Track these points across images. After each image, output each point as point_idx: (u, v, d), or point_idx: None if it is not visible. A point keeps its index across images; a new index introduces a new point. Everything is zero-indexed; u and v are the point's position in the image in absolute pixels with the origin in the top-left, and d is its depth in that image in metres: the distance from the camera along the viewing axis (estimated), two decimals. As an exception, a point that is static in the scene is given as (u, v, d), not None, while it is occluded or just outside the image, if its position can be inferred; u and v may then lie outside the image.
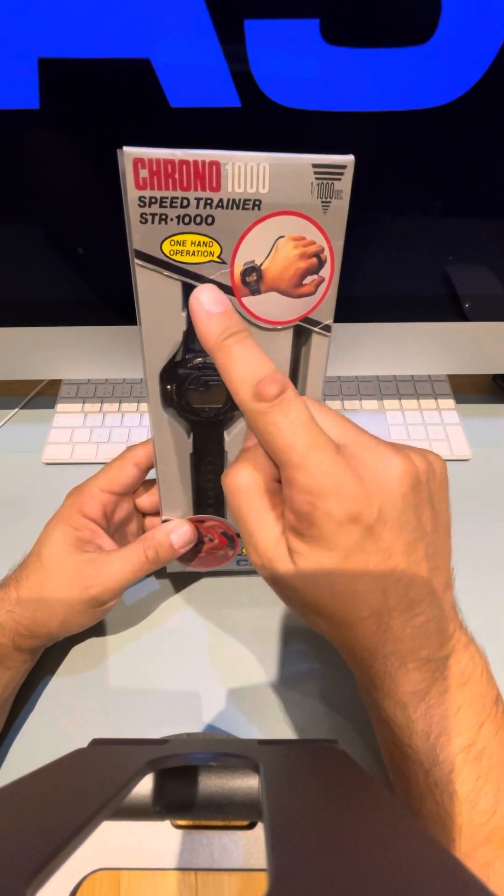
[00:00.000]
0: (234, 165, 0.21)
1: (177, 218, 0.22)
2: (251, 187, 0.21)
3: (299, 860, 0.12)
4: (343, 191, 0.23)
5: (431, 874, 0.12)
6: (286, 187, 0.22)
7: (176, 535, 0.32)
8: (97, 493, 0.33)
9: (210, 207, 0.22)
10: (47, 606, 0.31)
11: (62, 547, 0.31)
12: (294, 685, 0.35)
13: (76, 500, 0.33)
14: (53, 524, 0.33)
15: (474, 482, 0.47)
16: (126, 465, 0.33)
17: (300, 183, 0.22)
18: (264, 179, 0.21)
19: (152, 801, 0.24)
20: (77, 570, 0.31)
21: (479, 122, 0.31)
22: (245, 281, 0.24)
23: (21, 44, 0.28)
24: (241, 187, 0.21)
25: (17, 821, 0.15)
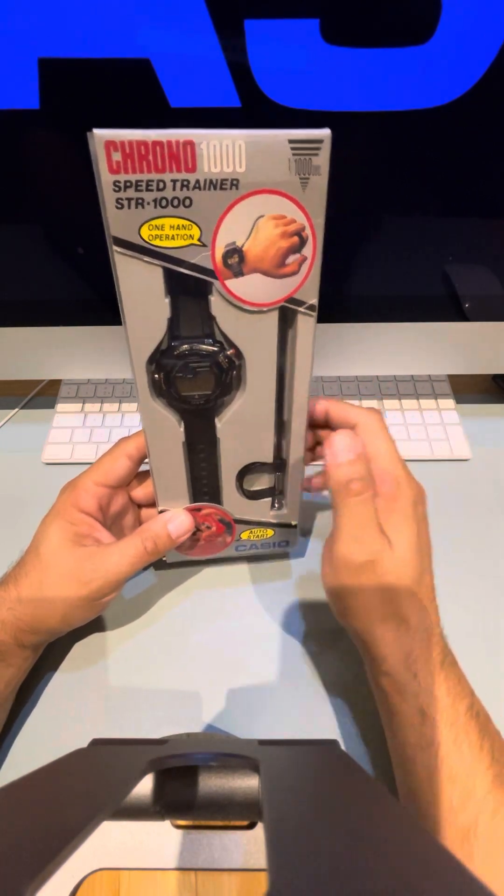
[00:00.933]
0: (209, 144, 0.20)
1: (154, 201, 0.21)
2: (228, 166, 0.21)
3: (299, 860, 0.12)
4: (321, 166, 0.22)
5: (432, 874, 0.12)
6: (263, 165, 0.21)
7: (173, 525, 0.32)
8: (91, 486, 0.32)
9: (187, 189, 0.21)
10: (48, 603, 0.31)
11: (60, 543, 0.31)
12: (294, 685, 0.35)
13: (70, 495, 0.33)
14: (49, 520, 0.33)
15: (474, 482, 0.47)
16: (118, 457, 0.33)
17: (277, 160, 0.21)
18: (241, 158, 0.21)
19: (152, 801, 0.24)
20: (76, 565, 0.31)
21: (479, 122, 0.31)
22: (227, 263, 0.23)
23: (21, 44, 0.28)
24: (217, 167, 0.21)
25: (17, 821, 0.15)
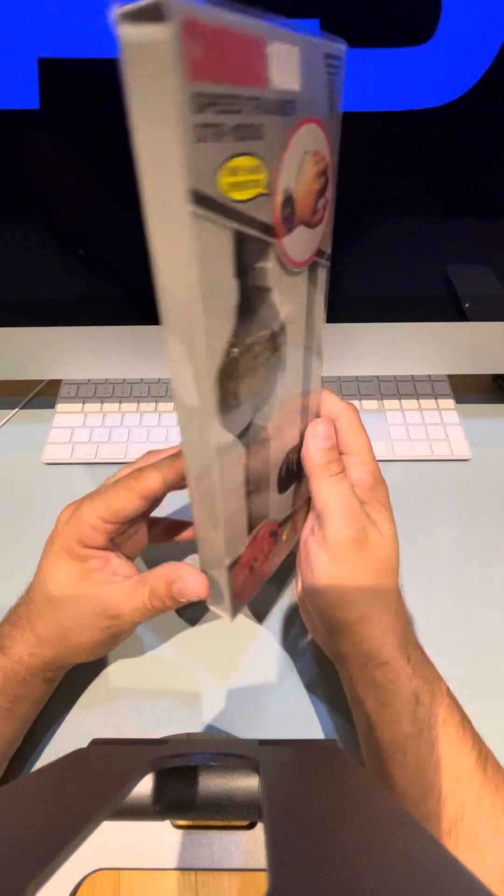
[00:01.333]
0: (275, 48, 0.15)
1: (233, 131, 0.15)
2: (289, 82, 0.16)
3: (299, 860, 0.12)
4: (340, 91, 0.18)
5: (432, 874, 0.12)
6: (310, 84, 0.17)
7: (177, 587, 0.27)
8: (98, 523, 0.29)
9: (259, 112, 0.16)
10: (70, 645, 0.30)
11: (73, 586, 0.29)
12: (294, 685, 0.35)
13: (75, 530, 0.29)
14: (55, 559, 0.29)
15: (474, 482, 0.47)
16: (131, 497, 0.28)
17: (320, 77, 0.17)
18: (296, 71, 0.16)
19: (152, 801, 0.24)
20: (99, 607, 0.29)
21: (479, 122, 0.31)
22: (283, 216, 0.18)
23: (21, 44, 0.28)
24: (281, 81, 0.16)
25: (17, 821, 0.15)
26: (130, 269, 0.40)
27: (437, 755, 0.25)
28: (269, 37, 0.15)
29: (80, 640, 0.29)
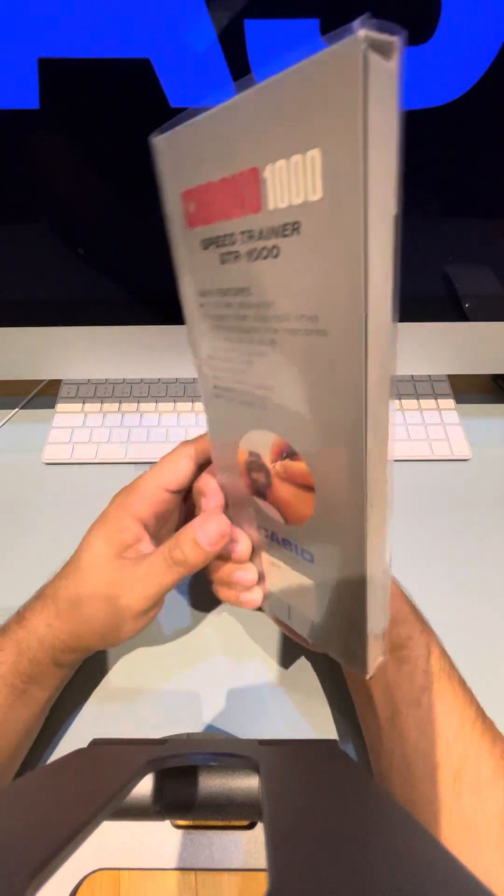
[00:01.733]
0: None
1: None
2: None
3: (299, 860, 0.12)
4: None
5: (432, 874, 0.12)
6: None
7: (203, 534, 0.26)
8: (152, 490, 0.29)
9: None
10: (84, 620, 0.29)
11: (102, 552, 0.29)
12: (294, 685, 0.35)
13: (126, 499, 0.30)
14: (97, 527, 0.30)
15: (474, 482, 0.47)
16: (188, 460, 0.30)
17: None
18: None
19: (152, 801, 0.24)
20: (110, 578, 0.28)
21: (479, 122, 0.31)
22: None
23: (21, 44, 0.28)
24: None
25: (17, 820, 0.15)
26: (130, 269, 0.40)
27: (444, 704, 0.27)
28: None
29: (91, 614, 0.28)
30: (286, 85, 0.15)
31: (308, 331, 0.18)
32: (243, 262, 0.19)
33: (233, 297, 0.20)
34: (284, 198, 0.16)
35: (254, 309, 0.20)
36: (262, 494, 0.25)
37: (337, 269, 0.17)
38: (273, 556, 0.27)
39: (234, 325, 0.21)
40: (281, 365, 0.20)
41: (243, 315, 0.20)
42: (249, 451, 0.24)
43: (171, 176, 0.20)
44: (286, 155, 0.16)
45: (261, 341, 0.20)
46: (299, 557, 0.25)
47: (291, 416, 0.21)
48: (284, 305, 0.19)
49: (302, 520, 0.24)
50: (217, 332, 0.22)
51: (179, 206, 0.20)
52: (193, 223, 0.20)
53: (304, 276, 0.17)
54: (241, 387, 0.23)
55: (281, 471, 0.23)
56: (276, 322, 0.19)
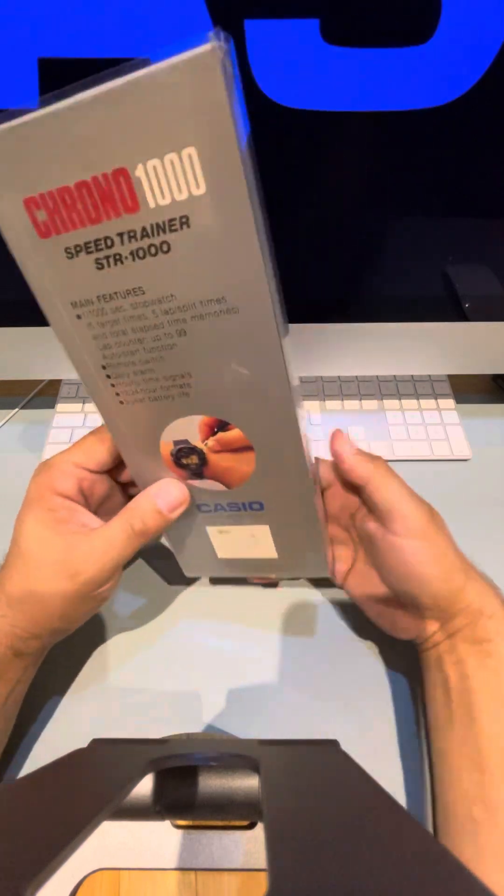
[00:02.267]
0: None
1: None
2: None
3: (299, 860, 0.12)
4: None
5: (431, 875, 0.12)
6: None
7: (162, 499, 0.27)
8: (70, 468, 0.29)
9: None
10: (41, 604, 0.28)
11: (40, 534, 0.28)
12: (294, 685, 0.35)
13: (46, 477, 0.29)
14: (25, 510, 0.29)
15: (474, 482, 0.47)
16: (102, 441, 0.30)
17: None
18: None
19: (152, 801, 0.24)
20: (61, 556, 0.27)
21: (479, 122, 0.31)
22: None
23: (21, 44, 0.28)
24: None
25: (17, 820, 0.15)
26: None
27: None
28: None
29: (48, 595, 0.28)
30: (147, 87, 0.15)
31: (218, 312, 0.20)
32: (128, 263, 0.19)
33: (121, 299, 0.20)
34: (166, 195, 0.17)
35: (152, 306, 0.20)
36: (199, 475, 0.27)
37: (234, 251, 0.18)
38: (220, 526, 0.30)
39: (133, 327, 0.21)
40: (195, 350, 0.21)
41: (140, 315, 0.20)
42: (174, 440, 0.25)
43: (3, 183, 0.18)
44: (159, 154, 0.16)
45: (168, 335, 0.21)
46: (248, 511, 0.29)
47: (217, 392, 0.23)
48: (186, 295, 0.20)
49: (245, 478, 0.27)
50: (108, 340, 0.22)
51: (23, 216, 0.18)
52: (47, 233, 0.19)
53: (202, 264, 0.18)
54: (152, 384, 0.23)
55: (214, 445, 0.25)
56: (180, 313, 0.20)
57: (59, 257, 0.19)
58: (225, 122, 0.16)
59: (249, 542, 0.31)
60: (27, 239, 0.19)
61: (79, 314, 0.21)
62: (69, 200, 0.18)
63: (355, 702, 0.35)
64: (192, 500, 0.29)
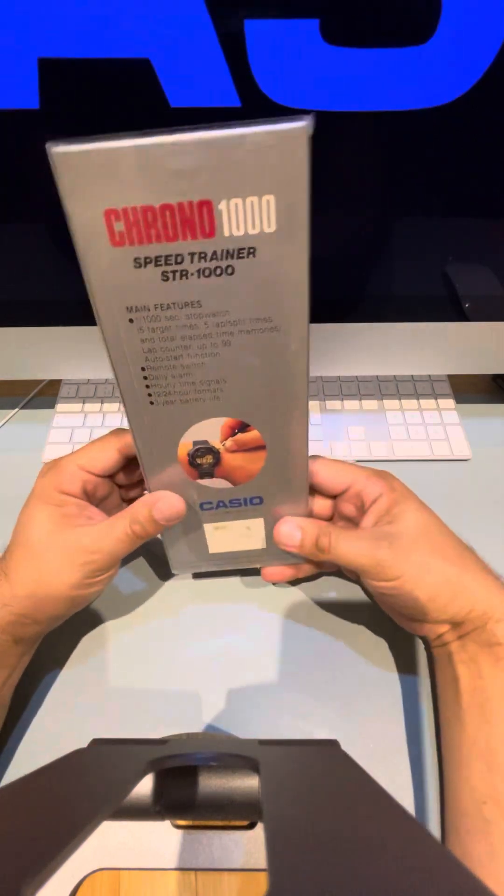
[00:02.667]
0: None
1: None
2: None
3: (299, 860, 0.12)
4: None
5: (432, 875, 0.12)
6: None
7: (158, 510, 0.29)
8: (76, 470, 0.31)
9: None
10: (49, 592, 0.30)
11: (47, 526, 0.30)
12: (294, 685, 0.35)
13: (54, 477, 0.31)
14: (32, 505, 0.31)
15: (474, 482, 0.47)
16: (108, 448, 0.31)
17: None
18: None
19: (152, 801, 0.24)
20: (70, 547, 0.30)
21: (479, 122, 0.31)
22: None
23: (21, 44, 0.28)
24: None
25: (17, 821, 0.15)
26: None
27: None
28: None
29: (56, 582, 0.29)
30: (247, 142, 0.18)
31: (262, 329, 0.23)
32: (193, 279, 0.21)
33: (178, 310, 0.22)
34: (241, 228, 0.20)
35: (205, 318, 0.23)
36: (209, 474, 0.29)
37: (288, 282, 0.22)
38: (218, 522, 0.32)
39: (183, 335, 0.23)
40: (235, 359, 0.24)
41: (193, 325, 0.23)
42: (194, 441, 0.28)
43: (86, 193, 0.19)
44: (242, 195, 0.19)
45: (213, 344, 0.24)
46: (247, 506, 0.31)
47: (246, 396, 0.26)
48: (238, 312, 0.23)
49: (251, 475, 0.30)
50: (155, 344, 0.23)
51: (100, 224, 0.20)
52: (120, 242, 0.20)
53: (259, 288, 0.22)
54: (188, 388, 0.25)
55: (232, 445, 0.28)
56: (230, 326, 0.23)
57: (126, 265, 0.21)
58: (302, 182, 0.19)
59: (243, 535, 0.33)
60: (98, 244, 0.21)
61: (132, 318, 0.23)
62: (150, 218, 0.20)
63: (355, 702, 0.35)
64: (195, 499, 0.31)
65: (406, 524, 0.30)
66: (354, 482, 0.32)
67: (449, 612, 0.29)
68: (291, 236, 0.21)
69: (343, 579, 0.40)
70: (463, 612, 0.29)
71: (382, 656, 0.37)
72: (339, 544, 0.30)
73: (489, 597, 0.29)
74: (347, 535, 0.30)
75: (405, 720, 0.34)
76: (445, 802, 0.29)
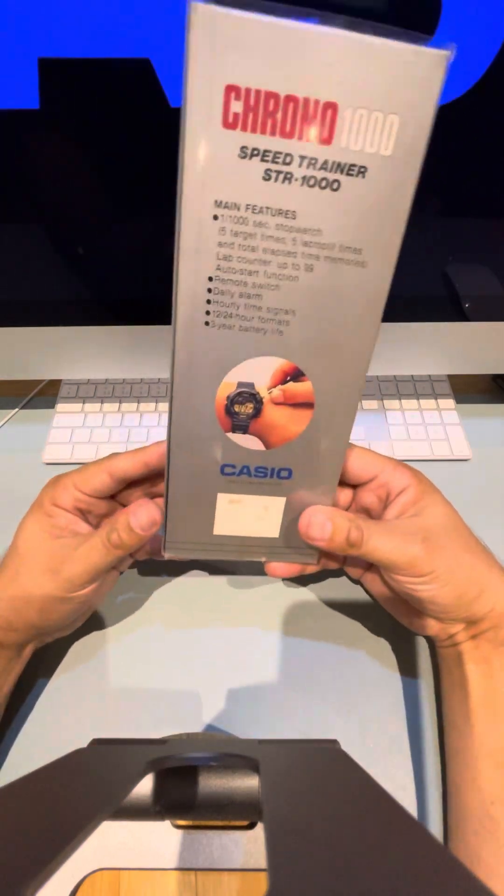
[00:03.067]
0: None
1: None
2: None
3: (299, 860, 0.12)
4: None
5: (431, 875, 0.12)
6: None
7: (135, 518, 0.28)
8: (70, 487, 0.31)
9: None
10: (24, 596, 0.30)
11: (37, 535, 0.31)
12: (294, 685, 0.35)
13: (51, 490, 0.32)
14: (28, 513, 0.32)
15: (474, 482, 0.47)
16: (100, 471, 0.31)
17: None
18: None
19: (152, 801, 0.24)
20: (48, 556, 0.30)
21: (479, 122, 0.31)
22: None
23: (21, 44, 0.28)
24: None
25: (17, 821, 0.15)
26: (130, 269, 0.40)
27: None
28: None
29: (32, 588, 0.29)
30: (390, 54, 0.18)
31: (349, 261, 0.21)
32: (296, 185, 0.20)
33: (270, 216, 0.20)
34: (358, 142, 0.19)
35: (295, 233, 0.21)
36: (243, 428, 0.26)
37: (389, 212, 0.21)
38: (234, 494, 0.29)
39: (266, 247, 0.21)
40: (312, 290, 0.22)
41: (280, 237, 0.21)
42: (239, 381, 0.24)
43: (214, 60, 0.18)
44: (369, 108, 0.19)
45: (295, 265, 0.21)
46: (273, 479, 0.28)
47: (311, 337, 0.23)
48: (332, 235, 0.21)
49: (288, 439, 0.26)
50: (233, 251, 0.21)
51: (218, 99, 0.18)
52: (233, 125, 0.19)
53: (359, 213, 0.20)
54: (252, 312, 0.22)
55: (279, 395, 0.25)
56: (318, 249, 0.21)
57: (230, 152, 0.19)
58: (429, 110, 0.19)
59: (257, 516, 0.30)
60: (208, 122, 0.19)
61: (217, 214, 0.20)
62: (271, 106, 0.18)
63: (355, 702, 0.35)
64: (218, 459, 0.27)
65: (434, 518, 0.30)
66: (382, 472, 0.31)
67: (472, 609, 0.29)
68: (404, 165, 0.20)
69: (344, 578, 0.40)
70: (484, 610, 0.29)
71: (383, 655, 0.37)
72: (370, 539, 0.27)
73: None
74: (378, 530, 0.28)
75: (406, 720, 0.34)
76: (450, 803, 0.29)
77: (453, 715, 0.30)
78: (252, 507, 0.29)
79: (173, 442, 0.26)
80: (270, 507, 0.29)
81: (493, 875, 0.25)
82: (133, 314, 0.42)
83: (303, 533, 0.28)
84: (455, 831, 0.28)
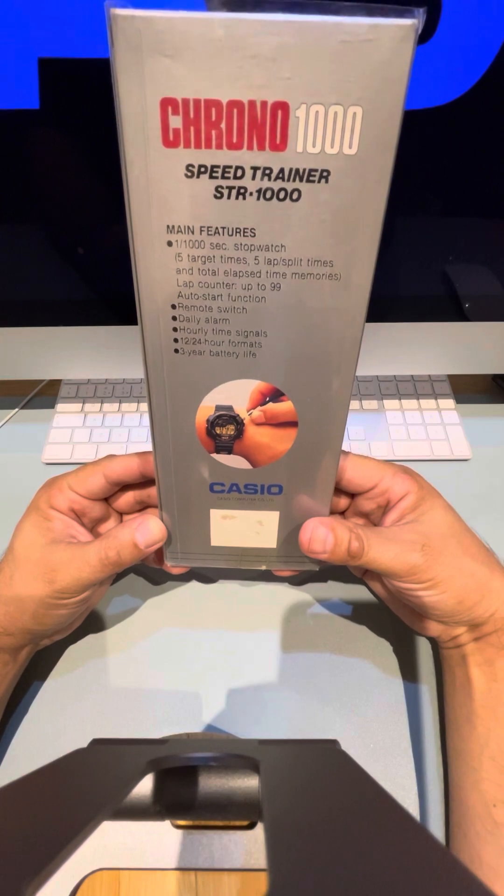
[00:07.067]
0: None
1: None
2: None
3: (299, 860, 0.12)
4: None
5: (432, 875, 0.12)
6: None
7: (141, 534, 0.28)
8: (66, 489, 0.31)
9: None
10: (18, 599, 0.29)
11: (32, 537, 0.30)
12: (294, 685, 0.35)
13: (47, 491, 0.32)
14: (24, 515, 0.32)
15: (474, 482, 0.47)
16: (95, 472, 0.31)
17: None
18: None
19: (152, 801, 0.24)
20: (43, 559, 0.29)
21: (479, 122, 0.31)
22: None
23: (21, 44, 0.28)
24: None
25: (17, 821, 0.15)
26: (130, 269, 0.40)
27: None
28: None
29: (24, 592, 0.29)
30: (343, 33, 0.15)
31: (320, 275, 0.19)
32: (251, 200, 0.18)
33: (227, 237, 0.19)
34: (316, 144, 0.17)
35: (257, 252, 0.19)
36: (227, 449, 0.25)
37: (360, 219, 0.18)
38: (226, 510, 0.28)
39: (227, 269, 0.19)
40: (282, 308, 0.20)
41: (241, 258, 0.19)
42: (217, 405, 0.24)
43: (144, 72, 0.16)
44: (325, 102, 0.16)
45: (261, 286, 0.20)
46: (263, 495, 0.27)
47: (287, 357, 0.22)
48: (297, 250, 0.19)
49: (275, 458, 0.26)
50: (192, 277, 0.20)
51: (155, 116, 0.16)
52: (175, 142, 0.17)
53: (325, 223, 0.18)
54: (221, 337, 0.21)
55: (259, 416, 0.24)
56: (284, 266, 0.19)
57: (175, 172, 0.17)
58: (398, 94, 0.16)
59: (253, 529, 0.29)
60: (148, 142, 0.17)
61: (171, 241, 0.19)
62: (213, 116, 0.16)
63: (355, 702, 0.35)
64: (206, 478, 0.27)
65: (434, 524, 0.30)
66: (382, 480, 0.31)
67: (474, 613, 0.29)
68: (373, 163, 0.17)
69: (345, 579, 0.40)
70: (486, 613, 0.29)
71: (384, 656, 0.36)
72: (370, 550, 0.27)
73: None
74: (378, 539, 0.28)
75: (407, 720, 0.34)
76: (452, 805, 0.29)
77: (455, 716, 0.30)
78: (246, 522, 0.29)
79: (159, 464, 0.26)
80: (265, 521, 0.29)
81: (495, 877, 0.25)
82: (134, 314, 0.41)
83: (304, 547, 0.28)
84: (457, 832, 0.28)
